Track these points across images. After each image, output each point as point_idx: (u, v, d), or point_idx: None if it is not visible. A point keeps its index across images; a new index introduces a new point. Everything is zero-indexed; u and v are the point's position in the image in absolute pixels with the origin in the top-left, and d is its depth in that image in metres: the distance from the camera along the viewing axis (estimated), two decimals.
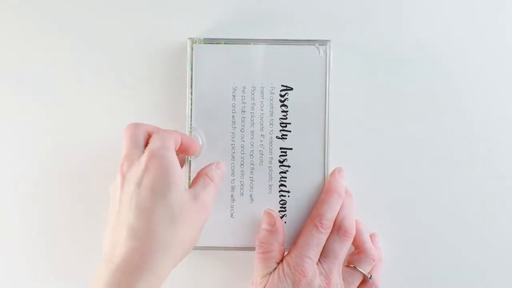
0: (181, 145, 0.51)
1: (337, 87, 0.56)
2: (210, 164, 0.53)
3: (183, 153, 0.53)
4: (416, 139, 0.57)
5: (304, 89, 0.55)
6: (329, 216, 0.52)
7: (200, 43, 0.55)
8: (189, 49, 0.55)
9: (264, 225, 0.53)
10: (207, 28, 0.57)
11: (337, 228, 0.52)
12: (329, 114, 0.55)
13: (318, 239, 0.52)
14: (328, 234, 0.52)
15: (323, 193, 0.54)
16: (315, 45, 0.55)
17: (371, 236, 0.56)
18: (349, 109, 0.57)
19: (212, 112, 0.55)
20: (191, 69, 0.55)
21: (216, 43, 0.55)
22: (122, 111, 0.58)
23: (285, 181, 0.55)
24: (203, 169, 0.53)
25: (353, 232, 0.53)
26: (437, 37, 0.57)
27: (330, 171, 0.55)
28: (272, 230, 0.53)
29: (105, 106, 0.58)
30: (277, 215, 0.53)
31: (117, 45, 0.58)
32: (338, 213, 0.53)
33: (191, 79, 0.55)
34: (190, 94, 0.55)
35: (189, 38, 0.56)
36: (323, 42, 0.55)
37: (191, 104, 0.55)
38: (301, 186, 0.55)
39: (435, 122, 0.57)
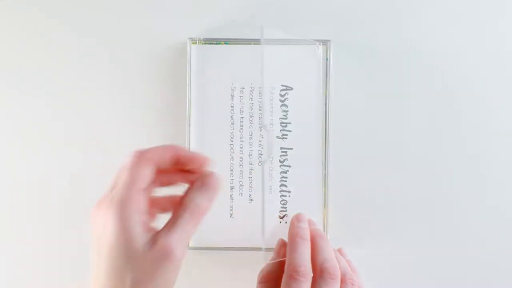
0: (178, 159, 0.46)
1: (337, 87, 0.56)
2: (193, 186, 0.45)
3: (184, 166, 0.46)
4: (416, 139, 0.57)
5: (304, 89, 0.55)
6: (301, 262, 0.49)
7: (200, 43, 0.55)
8: (189, 49, 0.55)
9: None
10: (207, 28, 0.57)
11: (320, 272, 0.49)
12: (329, 114, 0.55)
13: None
14: (310, 280, 0.48)
15: (287, 243, 0.51)
16: (315, 44, 0.55)
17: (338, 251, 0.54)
18: (348, 109, 0.57)
19: (211, 112, 0.55)
20: (191, 69, 0.55)
21: (216, 43, 0.55)
22: (122, 111, 0.58)
23: (285, 181, 0.55)
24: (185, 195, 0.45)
25: (338, 273, 0.49)
26: (437, 37, 0.57)
27: (330, 171, 0.55)
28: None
29: (105, 106, 0.58)
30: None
31: (117, 45, 0.58)
32: (317, 257, 0.50)
33: (191, 79, 0.55)
34: (190, 94, 0.55)
35: (189, 38, 0.56)
36: (323, 42, 0.55)
37: (191, 105, 0.55)
38: (302, 186, 0.55)
39: (435, 122, 0.57)
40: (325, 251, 0.50)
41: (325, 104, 0.55)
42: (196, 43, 0.55)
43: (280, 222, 0.55)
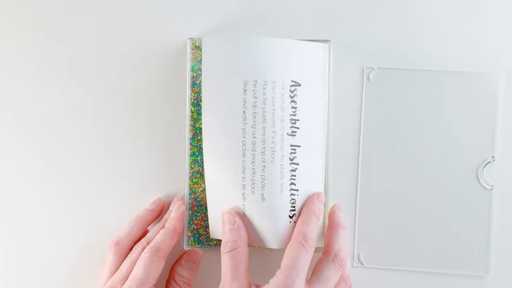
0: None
1: (336, 87, 0.56)
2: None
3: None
4: (418, 138, 0.57)
5: (309, 86, 0.54)
6: (312, 235, 0.52)
7: (200, 43, 0.55)
8: (189, 49, 0.55)
9: (226, 225, 0.53)
10: (207, 28, 0.57)
11: (333, 257, 0.53)
12: (329, 114, 0.55)
13: (305, 258, 0.51)
14: (312, 253, 0.51)
15: (301, 215, 0.53)
16: (320, 42, 0.55)
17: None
18: (348, 109, 0.57)
19: (222, 106, 0.52)
20: (191, 69, 0.55)
21: None
22: (122, 111, 0.58)
23: (294, 179, 0.53)
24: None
25: (346, 264, 0.54)
26: (437, 37, 0.58)
27: (329, 172, 0.56)
28: (234, 228, 0.52)
29: (105, 107, 0.57)
30: (236, 213, 0.53)
31: (117, 45, 0.57)
32: (335, 243, 0.54)
33: (191, 79, 0.55)
34: (190, 94, 0.55)
35: (189, 38, 0.56)
36: (323, 42, 0.55)
37: (191, 105, 0.55)
38: (308, 184, 0.53)
39: (435, 121, 0.58)
40: (343, 241, 0.55)
41: (325, 103, 0.55)
42: (196, 43, 0.55)
43: (290, 222, 0.53)
